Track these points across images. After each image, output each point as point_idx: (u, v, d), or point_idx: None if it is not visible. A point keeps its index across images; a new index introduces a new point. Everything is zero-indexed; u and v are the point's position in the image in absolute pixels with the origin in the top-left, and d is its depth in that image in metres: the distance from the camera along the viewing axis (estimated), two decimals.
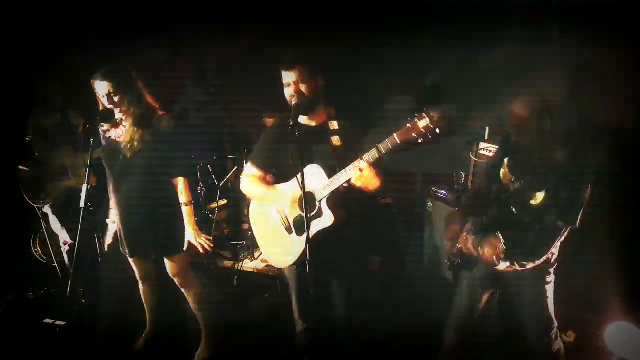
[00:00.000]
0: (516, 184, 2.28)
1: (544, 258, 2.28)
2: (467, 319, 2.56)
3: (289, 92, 2.28)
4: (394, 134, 2.03)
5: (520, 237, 2.24)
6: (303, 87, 2.25)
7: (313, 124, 2.37)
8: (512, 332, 2.67)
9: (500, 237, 2.21)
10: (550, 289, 2.38)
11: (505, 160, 2.38)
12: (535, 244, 2.27)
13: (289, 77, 2.25)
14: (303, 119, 2.36)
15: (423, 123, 1.95)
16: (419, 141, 1.98)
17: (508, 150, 2.40)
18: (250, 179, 2.58)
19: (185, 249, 2.78)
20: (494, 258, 2.22)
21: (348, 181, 2.20)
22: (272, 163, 2.53)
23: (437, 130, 1.96)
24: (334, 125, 2.34)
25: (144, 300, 3.19)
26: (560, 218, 2.18)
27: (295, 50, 2.28)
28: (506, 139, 2.44)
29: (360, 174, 2.13)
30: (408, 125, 1.99)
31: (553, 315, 2.40)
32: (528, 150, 2.24)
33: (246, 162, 2.66)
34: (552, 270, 2.37)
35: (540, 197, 2.20)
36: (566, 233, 2.27)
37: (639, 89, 3.12)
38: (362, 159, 2.14)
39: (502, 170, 2.37)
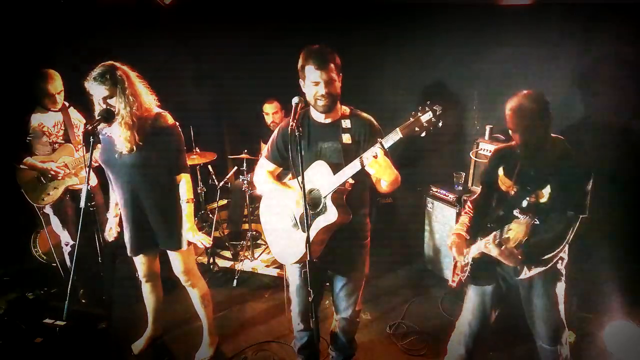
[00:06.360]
0: (517, 189, 2.26)
1: (560, 248, 2.21)
2: (476, 335, 2.49)
3: (316, 90, 2.20)
4: (397, 129, 2.01)
5: (536, 235, 2.14)
6: (330, 86, 2.21)
7: (328, 120, 2.35)
8: (522, 340, 2.62)
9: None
10: (561, 296, 2.33)
11: (500, 168, 2.36)
12: (551, 238, 2.20)
13: (317, 76, 2.17)
14: (321, 117, 2.34)
15: (426, 117, 1.94)
16: (422, 135, 1.97)
17: (501, 158, 2.38)
18: (262, 171, 2.58)
19: (184, 247, 2.78)
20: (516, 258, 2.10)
21: (354, 177, 2.17)
22: (284, 158, 2.50)
23: (439, 124, 1.95)
24: (347, 123, 2.32)
25: (145, 300, 3.19)
26: (569, 208, 2.15)
27: (324, 47, 2.21)
28: (498, 150, 2.44)
29: (375, 160, 2.06)
30: (411, 119, 1.98)
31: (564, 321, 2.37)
32: (523, 152, 2.21)
33: (261, 155, 2.64)
34: (563, 277, 2.33)
35: (546, 193, 2.17)
36: (577, 224, 2.20)
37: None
38: (379, 142, 2.06)
39: (498, 179, 2.35)
